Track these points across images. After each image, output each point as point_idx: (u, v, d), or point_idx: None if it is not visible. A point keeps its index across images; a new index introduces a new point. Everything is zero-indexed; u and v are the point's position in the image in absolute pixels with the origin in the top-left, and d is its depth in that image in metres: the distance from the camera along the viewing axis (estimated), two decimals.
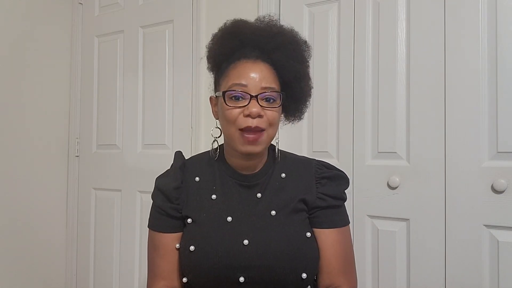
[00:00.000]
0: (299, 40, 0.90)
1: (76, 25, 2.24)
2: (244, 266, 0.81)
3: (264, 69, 0.85)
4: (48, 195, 2.13)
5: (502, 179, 1.25)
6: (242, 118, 0.82)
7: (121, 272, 2.05)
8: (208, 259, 0.81)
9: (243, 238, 0.83)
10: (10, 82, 1.94)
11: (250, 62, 0.85)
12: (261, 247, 0.82)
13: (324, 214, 0.88)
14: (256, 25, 0.89)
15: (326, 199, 0.89)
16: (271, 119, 0.83)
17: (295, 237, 0.84)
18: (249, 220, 0.85)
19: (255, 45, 0.86)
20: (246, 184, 0.89)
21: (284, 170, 0.92)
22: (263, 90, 0.82)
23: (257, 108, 0.80)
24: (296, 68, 0.87)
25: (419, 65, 1.40)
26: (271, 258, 0.81)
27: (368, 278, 1.46)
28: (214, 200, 0.88)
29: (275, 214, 0.86)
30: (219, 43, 0.88)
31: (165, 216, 0.88)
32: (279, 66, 0.86)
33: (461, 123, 1.32)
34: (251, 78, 0.82)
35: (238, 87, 0.82)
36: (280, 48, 0.86)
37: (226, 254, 0.81)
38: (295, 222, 0.86)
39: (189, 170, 0.92)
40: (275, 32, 0.87)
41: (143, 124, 2.02)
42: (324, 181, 0.90)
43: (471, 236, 1.29)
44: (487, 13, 1.30)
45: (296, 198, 0.88)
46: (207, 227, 0.85)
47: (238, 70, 0.84)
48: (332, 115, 1.55)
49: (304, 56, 0.90)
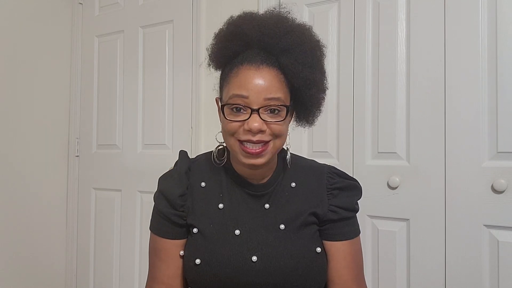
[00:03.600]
0: (311, 40, 0.80)
1: (76, 25, 2.24)
2: (252, 283, 0.78)
3: (269, 76, 0.76)
4: (48, 195, 2.13)
5: (502, 179, 1.25)
6: (242, 131, 0.76)
7: (121, 272, 2.05)
8: (215, 275, 0.78)
9: (252, 254, 0.79)
10: (10, 82, 1.94)
11: (253, 68, 0.76)
12: (270, 264, 0.78)
13: (336, 226, 0.85)
14: (264, 21, 0.78)
15: (338, 212, 0.85)
16: (276, 132, 0.76)
17: (304, 254, 0.81)
18: (257, 234, 0.81)
19: (260, 47, 0.78)
20: (254, 193, 0.85)
21: (294, 179, 0.86)
22: (266, 102, 0.75)
23: (258, 123, 0.74)
24: (305, 74, 0.77)
25: (419, 65, 1.40)
26: (280, 276, 0.78)
27: (368, 278, 1.45)
28: (221, 209, 0.83)
29: (284, 228, 0.82)
30: (222, 45, 0.81)
31: (169, 222, 0.84)
32: (287, 71, 0.77)
33: (461, 123, 1.32)
34: (252, 89, 0.74)
35: (238, 98, 0.75)
36: (289, 51, 0.76)
37: (234, 270, 0.78)
38: (305, 237, 0.82)
39: (195, 174, 0.87)
40: (284, 32, 0.77)
41: (143, 124, 2.02)
42: (336, 192, 0.86)
43: (471, 236, 1.29)
44: (487, 13, 1.30)
45: (306, 211, 0.83)
46: (214, 240, 0.81)
47: (239, 78, 0.76)
48: (332, 115, 1.55)
49: (317, 58, 0.80)
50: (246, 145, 0.76)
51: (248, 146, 0.76)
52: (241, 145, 0.77)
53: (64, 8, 2.22)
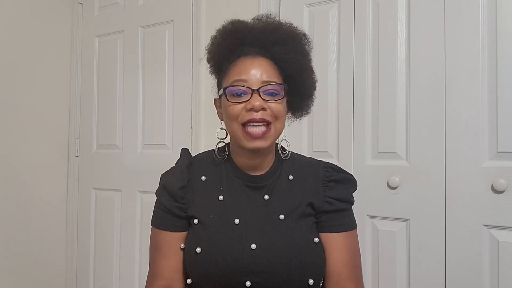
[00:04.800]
0: (299, 33, 0.88)
1: (76, 25, 2.24)
2: (251, 271, 0.80)
3: (265, 63, 0.84)
4: (48, 195, 2.13)
5: (502, 179, 1.25)
6: (245, 112, 0.80)
7: (121, 272, 2.05)
8: (215, 262, 0.80)
9: (251, 242, 0.81)
10: (10, 82, 1.94)
11: (249, 58, 0.84)
12: (269, 252, 0.81)
13: (331, 218, 0.87)
14: (254, 23, 0.89)
15: (333, 203, 0.87)
16: (276, 112, 0.82)
17: (303, 243, 0.83)
18: (257, 223, 0.84)
19: (254, 42, 0.85)
20: (253, 185, 0.88)
21: (291, 172, 0.90)
22: (264, 84, 0.81)
23: (259, 101, 0.79)
24: (297, 60, 0.86)
25: (419, 65, 1.40)
26: (279, 264, 0.80)
27: (368, 278, 1.45)
28: (221, 201, 0.86)
29: (283, 218, 0.84)
30: (218, 44, 0.88)
31: (170, 214, 0.87)
32: (280, 59, 0.85)
33: (461, 123, 1.32)
34: (251, 74, 0.82)
35: (239, 82, 0.82)
36: (280, 42, 0.85)
37: (233, 258, 0.80)
38: (303, 227, 0.85)
39: (195, 169, 0.91)
40: (273, 27, 0.86)
41: (143, 124, 2.02)
42: (332, 184, 0.89)
43: (471, 236, 1.29)
44: (487, 13, 1.30)
45: (304, 202, 0.86)
46: (214, 229, 0.84)
47: (238, 67, 0.84)
48: (332, 115, 1.55)
49: (305, 49, 0.89)
50: (249, 129, 0.81)
51: (251, 129, 0.81)
52: (244, 129, 0.81)
53: (64, 8, 2.22)
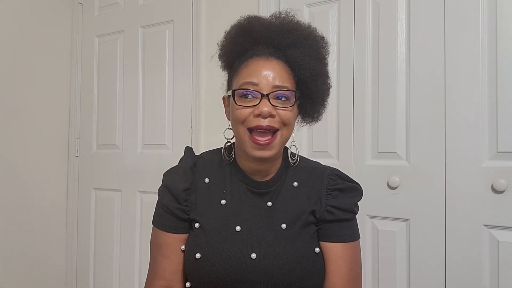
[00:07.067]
0: (316, 36, 0.85)
1: (76, 25, 2.24)
2: (250, 280, 0.78)
3: (277, 66, 0.80)
4: (48, 195, 2.14)
5: (502, 179, 1.25)
6: (253, 118, 0.78)
7: (121, 272, 2.05)
8: (214, 270, 0.79)
9: (251, 251, 0.79)
10: (10, 82, 1.94)
11: (262, 59, 0.80)
12: (269, 262, 0.79)
13: (331, 227, 0.84)
14: (270, 21, 0.84)
15: (334, 212, 0.84)
16: (284, 119, 0.79)
17: (303, 254, 0.81)
18: (258, 231, 0.82)
19: (268, 42, 0.82)
20: (257, 191, 0.85)
21: (296, 178, 0.87)
22: (275, 89, 0.78)
23: (268, 107, 0.76)
24: (311, 65, 0.81)
25: (419, 65, 1.40)
26: (278, 275, 0.78)
27: (368, 278, 1.45)
28: (223, 205, 0.84)
29: (285, 227, 0.82)
30: (231, 41, 0.85)
31: (172, 216, 0.85)
32: (294, 63, 0.81)
33: (461, 123, 1.32)
34: (262, 76, 0.78)
35: (248, 85, 0.78)
36: (295, 45, 0.81)
37: (233, 266, 0.79)
38: (305, 237, 0.83)
39: (199, 170, 0.88)
40: (290, 28, 0.82)
41: (143, 124, 2.02)
42: (336, 193, 0.86)
43: (471, 236, 1.29)
44: (487, 13, 1.30)
45: (307, 210, 0.84)
46: (215, 235, 0.82)
47: (249, 68, 0.80)
48: (332, 115, 1.55)
49: (321, 53, 0.85)
50: (256, 136, 0.78)
51: (257, 136, 0.78)
52: (250, 135, 0.79)
53: (64, 8, 2.22)
